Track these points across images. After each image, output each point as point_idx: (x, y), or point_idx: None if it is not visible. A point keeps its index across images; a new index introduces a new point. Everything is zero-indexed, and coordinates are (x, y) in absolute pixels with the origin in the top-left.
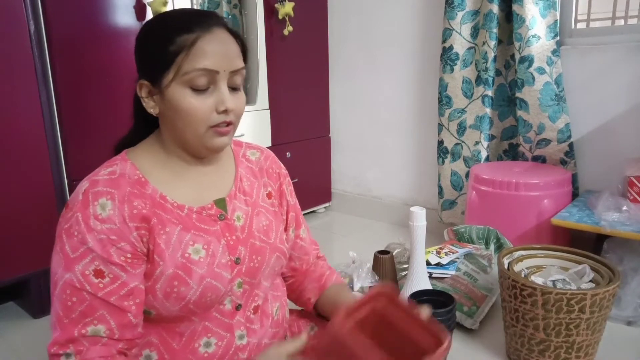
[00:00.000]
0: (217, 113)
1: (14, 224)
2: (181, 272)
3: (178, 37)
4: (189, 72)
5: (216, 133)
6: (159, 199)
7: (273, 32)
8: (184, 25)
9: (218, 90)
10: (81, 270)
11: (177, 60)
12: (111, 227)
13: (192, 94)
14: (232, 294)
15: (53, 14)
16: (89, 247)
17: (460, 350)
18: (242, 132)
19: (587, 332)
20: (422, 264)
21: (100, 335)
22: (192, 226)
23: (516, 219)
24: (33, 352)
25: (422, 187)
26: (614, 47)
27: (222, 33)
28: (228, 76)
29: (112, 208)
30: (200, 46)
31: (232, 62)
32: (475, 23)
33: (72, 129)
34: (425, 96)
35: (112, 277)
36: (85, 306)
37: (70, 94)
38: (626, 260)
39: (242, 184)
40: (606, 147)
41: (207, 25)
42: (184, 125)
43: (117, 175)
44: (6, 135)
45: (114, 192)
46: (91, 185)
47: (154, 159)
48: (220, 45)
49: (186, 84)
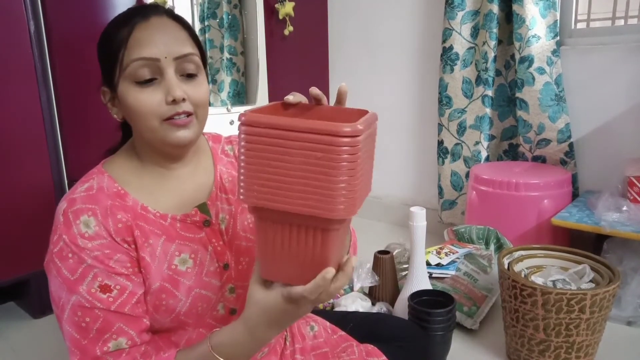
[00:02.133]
0: (166, 104)
1: (14, 224)
2: (168, 284)
3: (117, 33)
4: (129, 65)
5: (173, 126)
6: (140, 210)
7: (273, 32)
8: (122, 20)
9: (164, 79)
10: (86, 290)
11: (119, 56)
12: (102, 242)
13: (136, 88)
14: (224, 299)
15: (53, 14)
16: (88, 264)
17: (460, 350)
18: None
19: (587, 332)
20: (422, 264)
21: (123, 347)
22: (176, 236)
23: (516, 219)
24: (33, 352)
25: (422, 187)
26: (614, 47)
27: (160, 20)
28: (174, 64)
29: (96, 224)
30: (135, 36)
31: (175, 48)
32: (475, 23)
33: (72, 129)
34: (425, 96)
35: (119, 288)
36: (101, 323)
37: (70, 94)
38: (626, 260)
39: (223, 182)
40: (606, 147)
41: (143, 15)
42: (137, 122)
43: (95, 190)
44: (6, 135)
45: (95, 208)
46: (69, 204)
47: (130, 167)
48: (157, 32)
49: (130, 78)
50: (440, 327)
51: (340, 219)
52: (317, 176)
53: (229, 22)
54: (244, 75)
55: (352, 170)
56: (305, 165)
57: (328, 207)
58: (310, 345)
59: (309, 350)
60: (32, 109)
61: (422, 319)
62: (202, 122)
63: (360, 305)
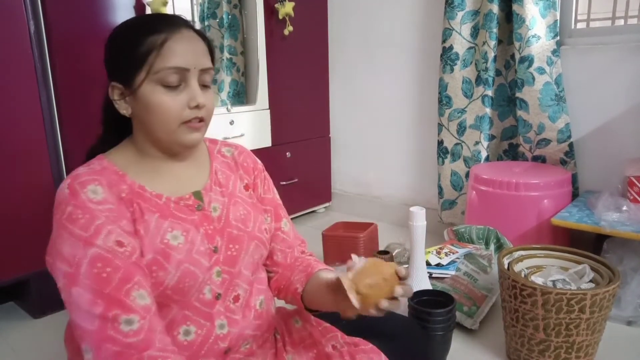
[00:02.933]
0: (189, 109)
1: (14, 224)
2: (160, 257)
3: (147, 38)
4: (161, 71)
5: (189, 128)
6: (137, 189)
7: (273, 32)
8: (152, 27)
9: (189, 87)
10: (104, 243)
11: (149, 60)
12: (110, 207)
13: (164, 91)
14: (211, 282)
15: (53, 14)
16: (101, 222)
17: (460, 350)
18: (242, 132)
19: (587, 332)
20: (422, 264)
21: (146, 301)
22: (170, 214)
23: (516, 219)
24: (33, 352)
25: (422, 187)
26: (614, 47)
27: (189, 33)
28: (198, 74)
29: (103, 192)
30: (170, 45)
31: (201, 61)
32: (475, 23)
33: (72, 129)
34: (425, 96)
35: (132, 246)
36: (122, 273)
37: (70, 94)
38: (626, 260)
39: (218, 177)
40: (606, 147)
41: (174, 25)
42: (156, 122)
43: (99, 168)
44: (6, 135)
45: (100, 179)
46: (74, 178)
47: (129, 158)
48: (189, 44)
49: (158, 82)
50: (440, 327)
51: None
52: None
53: (229, 22)
54: (243, 75)
55: None
56: None
57: None
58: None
59: (297, 342)
60: (32, 109)
61: (422, 319)
62: (207, 127)
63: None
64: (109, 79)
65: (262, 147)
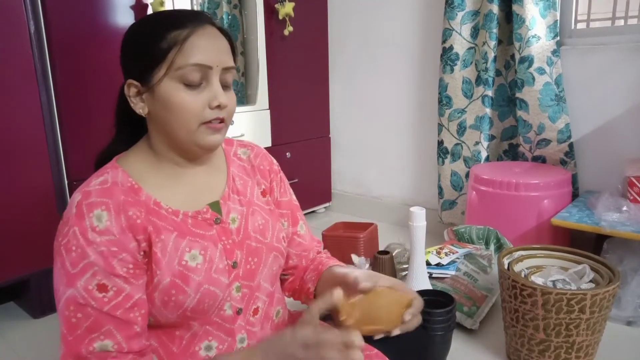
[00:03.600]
0: (210, 109)
1: (14, 224)
2: (179, 280)
3: (169, 34)
4: (182, 67)
5: (209, 129)
6: (153, 205)
7: (273, 32)
8: (175, 22)
9: (210, 86)
10: (84, 286)
11: (169, 56)
12: (110, 238)
13: (184, 89)
14: (231, 298)
15: (53, 14)
16: (90, 261)
17: (460, 350)
18: (242, 132)
19: (587, 332)
20: (422, 264)
21: (109, 350)
22: (187, 232)
23: (516, 219)
24: (33, 352)
25: (422, 187)
26: (614, 47)
27: (213, 30)
28: (220, 73)
29: (108, 219)
30: (192, 41)
31: (224, 59)
32: (475, 23)
33: (72, 129)
34: (425, 96)
35: (116, 290)
36: (91, 322)
37: (70, 94)
38: (626, 260)
39: (235, 184)
40: (606, 147)
41: (198, 21)
42: (176, 121)
43: (110, 184)
44: (6, 136)
45: (109, 202)
46: (84, 196)
47: (145, 163)
48: (213, 41)
49: (179, 79)
50: (440, 327)
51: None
52: None
53: (229, 22)
54: (244, 75)
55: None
56: None
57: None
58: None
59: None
60: (32, 109)
61: (422, 318)
62: (227, 129)
63: None
64: (125, 76)
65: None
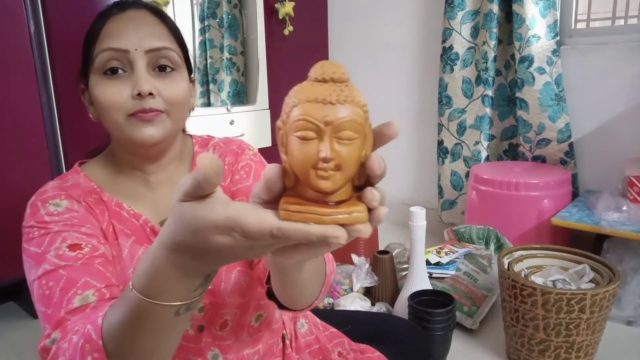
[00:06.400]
0: (131, 99)
1: (14, 224)
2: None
3: (94, 26)
4: (98, 56)
5: (138, 121)
6: (114, 206)
7: (273, 32)
8: (102, 14)
9: (133, 72)
10: (54, 254)
11: (91, 50)
12: (72, 215)
13: (105, 81)
14: (192, 318)
15: (53, 14)
16: (55, 231)
17: (460, 350)
18: (242, 132)
19: (587, 332)
20: (422, 264)
21: (89, 300)
22: (145, 239)
23: (516, 219)
24: (33, 352)
25: (422, 187)
26: (614, 47)
27: (137, 13)
28: (146, 57)
29: (68, 203)
30: (107, 28)
31: (148, 41)
32: (475, 23)
33: (72, 129)
34: (425, 96)
35: (91, 247)
36: (64, 281)
37: (70, 94)
38: (626, 260)
39: None
40: (606, 147)
41: (120, 7)
42: (105, 117)
43: (70, 184)
44: (6, 136)
45: (69, 193)
46: (37, 195)
47: (107, 170)
48: (131, 24)
49: (99, 70)
50: (440, 327)
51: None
52: None
53: (229, 22)
54: (243, 75)
55: None
56: None
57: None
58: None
59: (303, 348)
60: (32, 109)
61: (422, 318)
62: (176, 122)
63: (360, 306)
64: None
65: (262, 147)
